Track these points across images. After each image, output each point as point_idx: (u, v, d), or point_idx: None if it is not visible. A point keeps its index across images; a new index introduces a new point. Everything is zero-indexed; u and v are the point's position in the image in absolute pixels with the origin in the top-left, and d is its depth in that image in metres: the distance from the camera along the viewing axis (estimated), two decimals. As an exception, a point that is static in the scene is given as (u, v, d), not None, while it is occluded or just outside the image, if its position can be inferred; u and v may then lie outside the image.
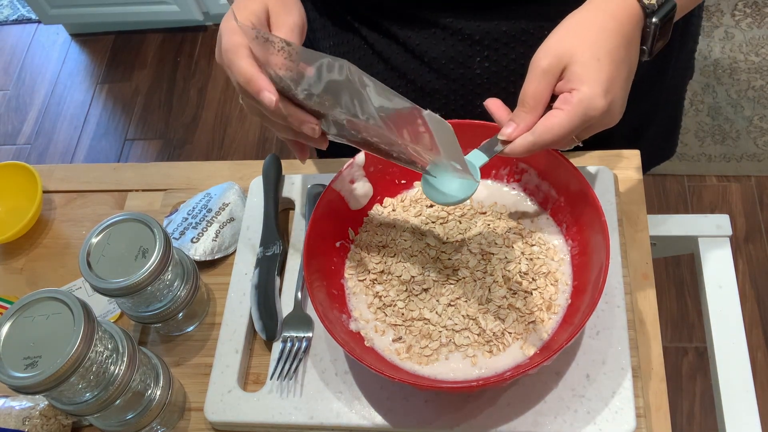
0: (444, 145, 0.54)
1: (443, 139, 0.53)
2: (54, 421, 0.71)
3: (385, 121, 0.55)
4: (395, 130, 0.56)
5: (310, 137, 0.62)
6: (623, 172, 0.80)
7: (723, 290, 0.88)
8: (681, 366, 1.54)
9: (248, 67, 0.57)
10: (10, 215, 0.90)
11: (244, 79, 0.57)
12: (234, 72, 0.58)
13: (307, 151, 0.68)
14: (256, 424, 0.68)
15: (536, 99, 0.57)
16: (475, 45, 0.75)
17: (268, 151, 2.03)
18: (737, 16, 2.00)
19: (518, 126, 0.57)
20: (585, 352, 0.66)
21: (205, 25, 2.30)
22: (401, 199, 0.75)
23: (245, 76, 0.57)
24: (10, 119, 2.24)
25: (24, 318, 0.60)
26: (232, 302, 0.75)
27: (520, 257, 0.69)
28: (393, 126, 0.56)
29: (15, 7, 2.50)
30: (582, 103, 0.55)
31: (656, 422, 0.66)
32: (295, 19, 0.62)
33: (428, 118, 0.51)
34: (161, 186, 0.89)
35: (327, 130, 0.62)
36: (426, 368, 0.65)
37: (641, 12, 0.58)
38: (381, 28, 0.78)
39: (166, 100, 2.18)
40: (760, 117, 1.84)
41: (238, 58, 0.58)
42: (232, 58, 0.58)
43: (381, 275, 0.70)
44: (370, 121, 0.56)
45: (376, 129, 0.57)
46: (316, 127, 0.60)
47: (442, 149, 0.55)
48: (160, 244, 0.66)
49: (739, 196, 1.74)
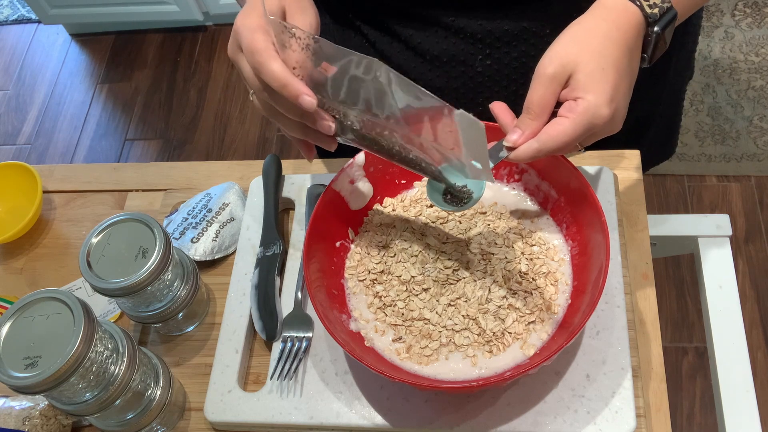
0: (469, 143, 0.54)
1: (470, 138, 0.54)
2: (54, 421, 0.71)
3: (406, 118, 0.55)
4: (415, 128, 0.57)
5: (321, 137, 0.61)
6: (623, 172, 0.80)
7: (723, 290, 0.88)
8: (681, 366, 1.54)
9: (282, 71, 0.56)
10: (10, 215, 0.90)
11: (279, 84, 0.56)
12: (265, 75, 0.56)
13: (314, 150, 0.68)
14: (256, 424, 0.68)
15: (541, 106, 0.57)
16: (477, 43, 0.76)
17: (268, 151, 2.03)
18: (737, 16, 2.00)
19: (523, 133, 0.58)
20: (585, 352, 0.66)
21: (205, 25, 2.30)
22: (401, 199, 0.75)
23: (280, 80, 0.56)
24: (10, 119, 2.24)
25: (24, 318, 0.60)
26: (232, 302, 0.75)
27: (520, 257, 0.69)
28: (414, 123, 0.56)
29: (15, 7, 2.50)
30: (587, 111, 0.56)
31: (656, 422, 0.66)
32: (310, 19, 0.62)
33: (459, 118, 0.52)
34: (161, 186, 0.89)
35: (338, 131, 0.61)
36: (426, 368, 0.65)
37: (643, 21, 0.58)
38: (383, 26, 0.78)
39: (166, 100, 2.18)
40: (760, 117, 1.84)
41: (269, 60, 0.56)
42: (261, 61, 0.56)
43: (381, 275, 0.70)
44: (390, 120, 0.56)
45: (395, 127, 0.57)
46: (332, 124, 0.59)
47: (465, 148, 0.55)
48: (160, 244, 0.66)
49: (739, 196, 1.74)
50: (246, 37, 0.58)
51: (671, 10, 0.59)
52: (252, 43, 0.57)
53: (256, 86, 0.59)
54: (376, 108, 0.56)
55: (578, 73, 0.56)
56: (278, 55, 0.57)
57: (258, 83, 0.59)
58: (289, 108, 0.59)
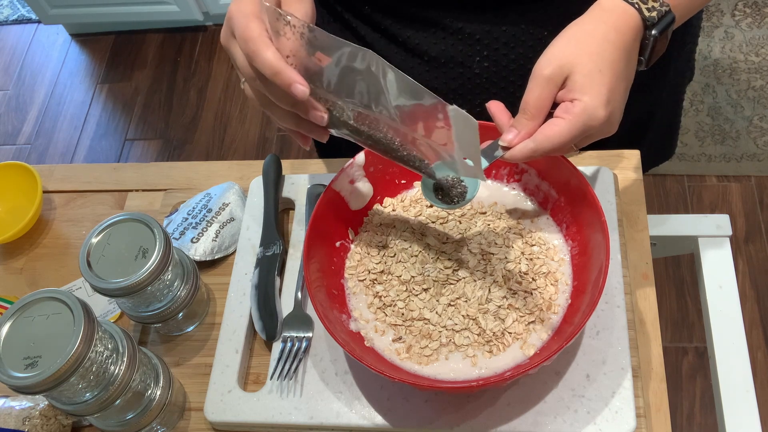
0: (461, 140, 0.54)
1: (463, 135, 0.54)
2: (54, 421, 0.71)
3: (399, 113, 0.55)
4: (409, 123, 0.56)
5: (313, 127, 0.61)
6: (623, 172, 0.80)
7: (723, 290, 0.88)
8: (681, 366, 1.54)
9: (275, 59, 0.55)
10: (10, 215, 0.90)
11: (272, 72, 0.55)
12: (257, 62, 0.56)
13: (309, 139, 0.67)
14: (256, 424, 0.68)
15: (538, 107, 0.57)
16: (475, 45, 0.76)
17: (268, 151, 2.03)
18: (737, 16, 2.00)
19: (519, 133, 0.58)
20: (585, 352, 0.66)
21: (205, 25, 2.30)
22: (401, 199, 0.75)
23: (273, 68, 0.55)
24: (10, 119, 2.24)
25: (24, 318, 0.60)
26: (232, 302, 0.75)
27: (520, 257, 0.69)
28: (407, 118, 0.56)
29: (15, 7, 2.50)
30: (584, 113, 0.56)
31: (656, 422, 0.66)
32: (306, 8, 0.61)
33: (453, 113, 0.51)
34: (161, 186, 0.89)
35: (331, 124, 0.61)
36: (426, 368, 0.65)
37: (641, 24, 0.59)
38: (380, 27, 0.78)
39: (166, 100, 2.18)
40: (760, 117, 1.84)
41: (262, 48, 0.55)
42: (254, 49, 0.55)
43: (381, 275, 0.70)
44: (383, 113, 0.56)
45: (388, 121, 0.57)
46: (325, 115, 0.59)
47: (458, 145, 0.55)
48: (160, 244, 0.66)
49: (739, 196, 1.74)
50: (240, 24, 0.57)
51: (669, 14, 0.59)
52: (245, 30, 0.56)
53: (248, 74, 0.58)
54: (370, 101, 0.56)
55: (575, 74, 0.56)
56: (272, 43, 0.56)
57: (250, 71, 0.58)
58: (281, 97, 0.58)
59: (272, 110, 0.62)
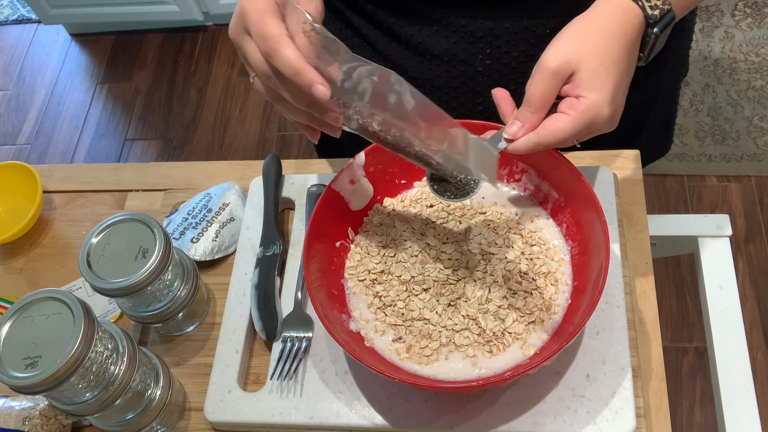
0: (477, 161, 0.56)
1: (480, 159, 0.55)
2: (54, 421, 0.71)
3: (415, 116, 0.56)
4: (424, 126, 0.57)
5: (326, 124, 0.61)
6: (623, 172, 0.80)
7: (723, 290, 0.88)
8: (681, 366, 1.54)
9: (296, 59, 0.54)
10: (10, 215, 0.90)
11: (292, 71, 0.55)
12: (277, 61, 0.55)
13: (319, 132, 0.66)
14: (256, 424, 0.68)
15: (542, 100, 0.58)
16: (477, 42, 0.76)
17: (268, 151, 2.03)
18: (737, 16, 2.00)
19: (523, 125, 0.58)
20: (585, 352, 0.66)
21: (205, 25, 2.30)
22: (401, 199, 0.75)
23: (293, 68, 0.54)
24: (10, 119, 2.24)
25: (24, 318, 0.60)
26: (232, 302, 0.75)
27: (520, 257, 0.69)
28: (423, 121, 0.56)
29: (15, 7, 2.50)
30: (589, 111, 0.56)
31: (656, 422, 0.66)
32: (316, 5, 0.61)
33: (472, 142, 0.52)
34: (161, 186, 0.89)
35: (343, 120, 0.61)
36: (426, 368, 0.65)
37: (644, 22, 0.59)
38: (382, 25, 0.78)
39: (166, 100, 2.18)
40: (760, 117, 1.84)
41: (283, 47, 0.55)
42: (275, 47, 0.55)
43: (381, 275, 0.70)
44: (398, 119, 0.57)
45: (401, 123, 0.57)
46: (340, 116, 0.59)
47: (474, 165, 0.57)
48: (160, 244, 0.66)
49: (739, 196, 1.74)
50: (257, 21, 0.56)
51: (670, 12, 0.59)
52: (264, 27, 0.55)
53: (262, 71, 0.58)
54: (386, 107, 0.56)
55: (582, 71, 0.56)
56: (291, 41, 0.55)
57: (266, 69, 0.57)
58: (298, 96, 0.57)
59: (283, 105, 0.61)
